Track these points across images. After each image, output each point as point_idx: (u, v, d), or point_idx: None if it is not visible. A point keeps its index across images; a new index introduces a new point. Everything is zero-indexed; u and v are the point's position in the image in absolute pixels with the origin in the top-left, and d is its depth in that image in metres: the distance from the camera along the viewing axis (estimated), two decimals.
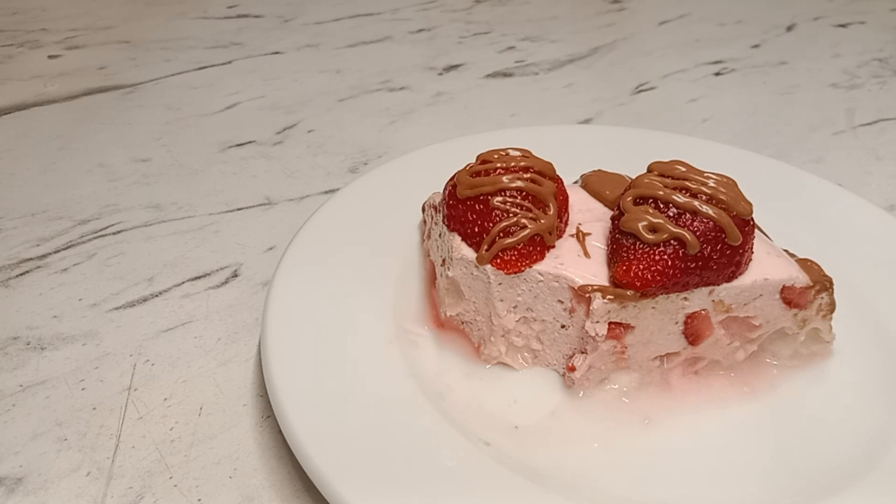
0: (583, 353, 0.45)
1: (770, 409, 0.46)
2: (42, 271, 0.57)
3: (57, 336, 0.51)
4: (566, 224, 0.47)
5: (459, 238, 0.46)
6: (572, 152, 0.57)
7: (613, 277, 0.42)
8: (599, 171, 0.54)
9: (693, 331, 0.45)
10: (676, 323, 0.45)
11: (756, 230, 0.45)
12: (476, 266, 0.45)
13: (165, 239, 0.61)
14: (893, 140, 0.84)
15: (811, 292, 0.46)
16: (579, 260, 0.45)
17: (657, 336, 0.45)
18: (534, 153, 0.47)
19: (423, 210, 0.54)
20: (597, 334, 0.43)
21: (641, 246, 0.41)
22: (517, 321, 0.46)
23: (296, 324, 0.45)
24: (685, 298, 0.44)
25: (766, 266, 0.45)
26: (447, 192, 0.47)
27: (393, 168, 0.62)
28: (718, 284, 0.44)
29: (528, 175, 0.44)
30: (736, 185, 0.43)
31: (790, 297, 0.46)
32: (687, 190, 0.42)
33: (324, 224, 0.54)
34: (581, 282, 0.43)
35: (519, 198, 0.44)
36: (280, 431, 0.41)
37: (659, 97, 0.93)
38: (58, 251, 0.59)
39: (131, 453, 0.42)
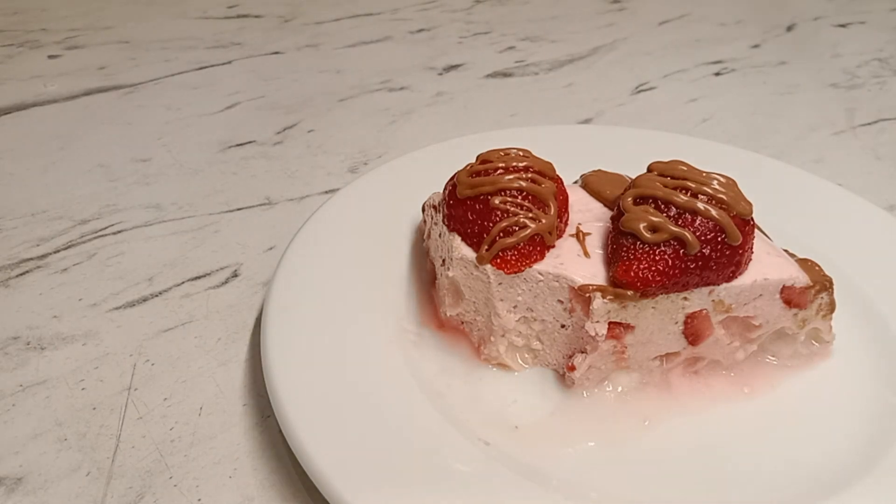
0: (583, 352, 0.45)
1: (770, 409, 0.46)
2: (42, 271, 0.57)
3: (57, 336, 0.51)
4: (566, 224, 0.47)
5: (459, 238, 0.46)
6: (572, 152, 0.57)
7: (613, 277, 0.42)
8: (599, 171, 0.54)
9: (693, 331, 0.45)
10: (676, 323, 0.45)
11: (756, 230, 0.46)
12: (476, 266, 0.45)
13: (165, 239, 0.61)
14: (893, 140, 0.84)
15: (811, 292, 0.46)
16: (579, 260, 0.45)
17: (657, 336, 0.45)
18: (534, 153, 0.47)
19: (423, 210, 0.54)
20: (597, 334, 0.43)
21: (641, 246, 0.41)
22: (517, 321, 0.46)
23: (296, 324, 0.45)
24: (685, 298, 0.44)
25: (766, 266, 0.45)
26: (447, 192, 0.47)
27: (393, 168, 0.62)
28: (718, 284, 0.44)
29: (529, 175, 0.44)
30: (736, 185, 0.44)
31: (790, 297, 0.46)
32: (687, 190, 0.42)
33: (324, 224, 0.54)
34: (581, 281, 0.43)
35: (519, 198, 0.44)
36: (280, 431, 0.41)
37: (659, 97, 0.93)
38: (58, 251, 0.59)
39: (131, 453, 0.42)
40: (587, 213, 0.49)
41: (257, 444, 0.43)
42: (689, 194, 0.42)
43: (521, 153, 0.46)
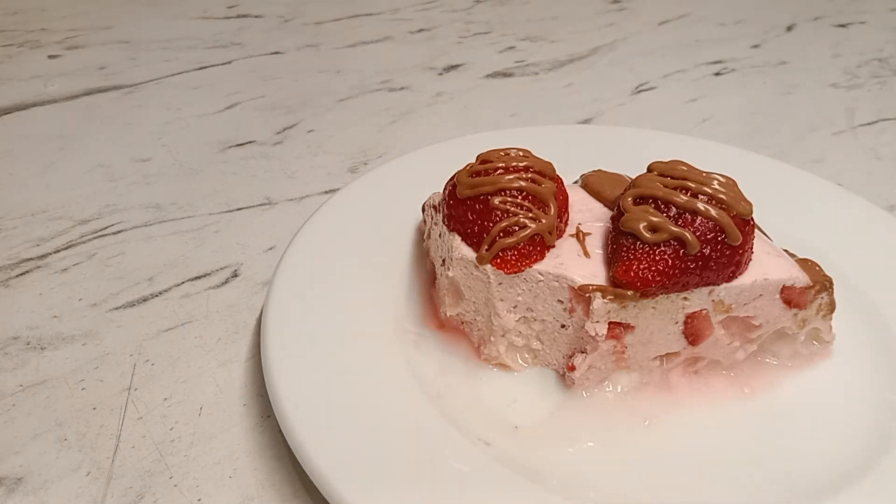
0: (583, 352, 0.45)
1: (770, 409, 0.46)
2: (42, 271, 0.57)
3: (57, 336, 0.51)
4: (566, 224, 0.47)
5: (459, 238, 0.46)
6: (572, 152, 0.57)
7: (614, 277, 0.42)
8: (599, 171, 0.54)
9: (693, 331, 0.45)
10: (676, 323, 0.45)
11: (756, 230, 0.45)
12: (476, 266, 0.45)
13: (165, 239, 0.61)
14: (893, 140, 0.84)
15: (811, 292, 0.46)
16: (579, 260, 0.45)
17: (657, 336, 0.45)
18: (534, 153, 0.47)
19: (423, 210, 0.54)
20: (597, 334, 0.43)
21: (641, 246, 0.41)
22: (517, 321, 0.46)
23: (296, 324, 0.45)
24: (685, 298, 0.44)
25: (766, 266, 0.45)
26: (447, 192, 0.47)
27: (393, 168, 0.62)
28: (718, 284, 0.43)
29: (529, 175, 0.44)
30: (736, 185, 0.43)
31: (790, 297, 0.46)
32: (687, 190, 0.42)
33: (324, 224, 0.54)
34: (581, 281, 0.43)
35: (519, 198, 0.44)
36: (280, 431, 0.41)
37: (659, 97, 0.93)
38: (58, 251, 0.59)
39: (131, 453, 0.42)
40: (587, 213, 0.49)
41: (257, 444, 0.43)
42: (689, 194, 0.42)
43: (521, 153, 0.46)
